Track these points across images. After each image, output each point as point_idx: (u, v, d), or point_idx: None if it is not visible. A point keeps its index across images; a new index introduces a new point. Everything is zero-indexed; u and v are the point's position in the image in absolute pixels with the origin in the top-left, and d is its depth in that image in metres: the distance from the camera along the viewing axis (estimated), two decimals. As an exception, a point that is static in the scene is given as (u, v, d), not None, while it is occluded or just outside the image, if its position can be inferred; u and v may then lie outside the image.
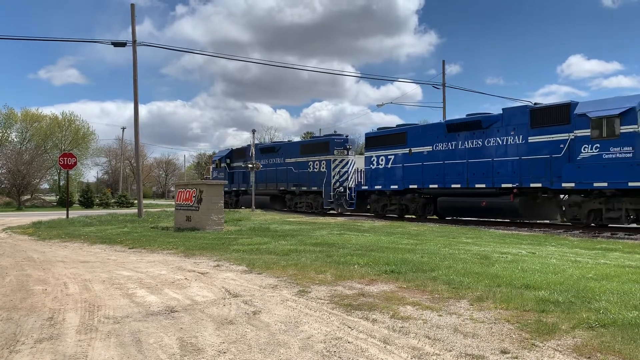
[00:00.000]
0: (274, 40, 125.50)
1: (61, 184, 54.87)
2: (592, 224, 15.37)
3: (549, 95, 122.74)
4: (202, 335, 4.52)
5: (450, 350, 4.03)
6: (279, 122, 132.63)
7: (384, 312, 5.20)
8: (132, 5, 23.28)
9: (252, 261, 8.67)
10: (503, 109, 17.93)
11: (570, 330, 4.43)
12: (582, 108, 15.25)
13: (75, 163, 24.89)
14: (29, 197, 47.45)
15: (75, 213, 28.48)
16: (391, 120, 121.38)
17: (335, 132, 28.86)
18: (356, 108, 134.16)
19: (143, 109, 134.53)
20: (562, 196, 16.11)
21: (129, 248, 11.56)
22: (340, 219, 20.98)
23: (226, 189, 28.29)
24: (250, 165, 27.81)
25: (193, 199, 16.14)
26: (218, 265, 8.54)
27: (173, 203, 20.13)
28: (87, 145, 61.73)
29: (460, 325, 4.69)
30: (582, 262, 8.08)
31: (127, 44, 22.54)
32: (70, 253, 10.97)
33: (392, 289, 6.28)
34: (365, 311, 5.24)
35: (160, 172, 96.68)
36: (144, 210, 24.80)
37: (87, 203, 44.69)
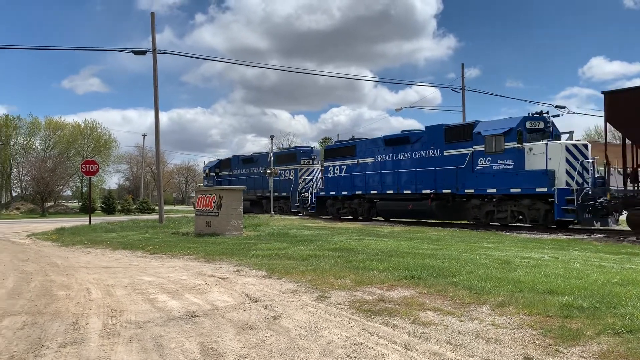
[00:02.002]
0: (292, 46, 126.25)
1: (83, 190, 55.82)
2: (491, 223, 18.22)
3: (570, 97, 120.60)
4: (223, 340, 4.54)
5: (472, 357, 3.98)
6: (297, 128, 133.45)
7: (404, 317, 5.16)
8: (152, 14, 23.74)
9: (271, 266, 8.69)
10: (426, 127, 20.84)
11: (595, 336, 4.34)
12: (479, 127, 18.14)
13: (97, 170, 25.27)
14: (52, 203, 48.39)
15: (98, 219, 28.89)
16: (410, 124, 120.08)
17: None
18: (374, 113, 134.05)
19: (163, 116, 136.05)
20: (473, 200, 18.59)
21: (150, 254, 11.70)
22: (358, 225, 20.94)
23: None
24: (268, 171, 28.47)
25: (213, 204, 16.26)
26: (238, 270, 8.58)
27: (193, 209, 20.36)
28: (108, 152, 62.85)
29: (482, 331, 4.63)
30: (607, 267, 7.91)
31: (148, 52, 22.83)
32: (93, 259, 11.14)
33: (412, 295, 6.23)
34: (385, 317, 5.21)
35: (181, 179, 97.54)
36: (165, 216, 25.05)
37: (109, 209, 45.33)
